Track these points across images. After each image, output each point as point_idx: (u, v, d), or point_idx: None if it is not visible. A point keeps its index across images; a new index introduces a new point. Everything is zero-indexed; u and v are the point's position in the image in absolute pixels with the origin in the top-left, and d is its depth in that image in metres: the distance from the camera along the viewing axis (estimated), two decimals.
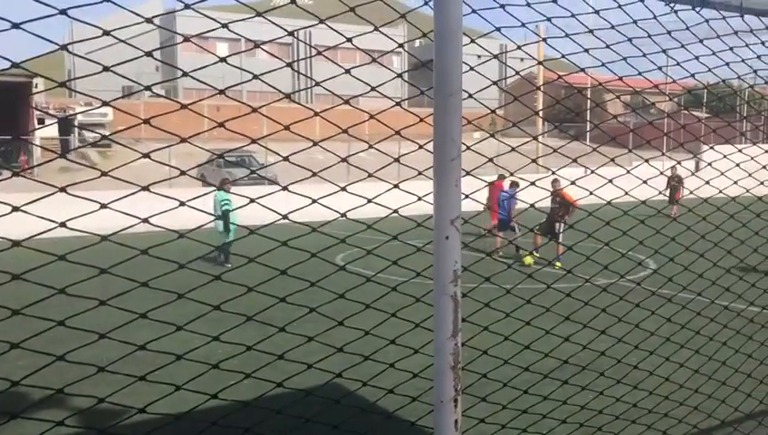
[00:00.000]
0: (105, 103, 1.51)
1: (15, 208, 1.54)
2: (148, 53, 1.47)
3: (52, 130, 37.44)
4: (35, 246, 1.51)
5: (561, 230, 15.32)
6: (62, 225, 1.55)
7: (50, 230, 1.65)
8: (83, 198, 1.72)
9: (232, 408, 2.17)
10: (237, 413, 2.28)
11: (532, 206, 2.74)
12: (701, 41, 2.86)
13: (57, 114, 39.28)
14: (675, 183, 22.39)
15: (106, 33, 1.39)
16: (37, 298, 1.63)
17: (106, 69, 1.43)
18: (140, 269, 2.29)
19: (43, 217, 1.58)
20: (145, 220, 1.62)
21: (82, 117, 39.25)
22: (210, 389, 2.00)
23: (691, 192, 3.69)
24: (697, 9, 2.52)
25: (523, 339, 2.77)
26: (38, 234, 1.58)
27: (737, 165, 3.46)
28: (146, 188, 1.62)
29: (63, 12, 1.38)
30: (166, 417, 2.10)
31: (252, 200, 1.91)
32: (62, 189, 1.52)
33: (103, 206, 1.56)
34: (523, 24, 2.25)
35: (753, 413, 4.39)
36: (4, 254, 1.52)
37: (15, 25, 1.39)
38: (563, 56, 2.53)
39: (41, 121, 36.60)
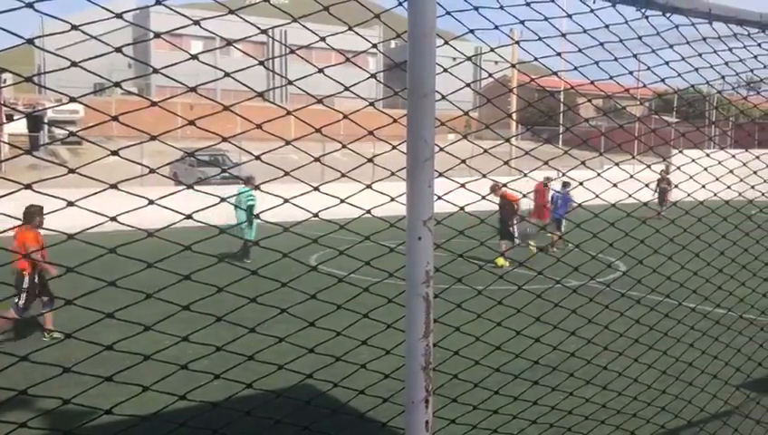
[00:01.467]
0: (73, 99, 1.49)
1: None
2: (118, 49, 1.45)
3: (20, 127, 36.76)
4: None
5: (516, 232, 16.04)
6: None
7: (13, 228, 1.61)
8: (51, 195, 1.69)
9: (201, 409, 2.15)
10: (206, 414, 2.26)
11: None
12: (671, 46, 2.90)
13: (26, 110, 38.65)
14: (664, 185, 22.32)
15: (74, 27, 1.37)
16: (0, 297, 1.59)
17: (74, 64, 1.40)
18: (108, 268, 2.26)
19: (7, 215, 1.55)
20: (113, 219, 1.60)
21: (52, 113, 38.63)
22: (179, 390, 1.98)
23: (669, 193, 3.75)
24: (668, 15, 2.55)
25: (495, 340, 2.78)
26: (2, 231, 1.55)
27: (705, 169, 3.52)
28: (114, 186, 1.59)
29: (29, 5, 1.35)
30: (133, 418, 2.07)
31: (222, 199, 1.89)
32: (28, 186, 1.50)
33: (70, 204, 1.54)
34: (497, 27, 2.27)
35: (718, 413, 4.47)
36: None
37: None
38: (536, 59, 2.55)
39: (9, 118, 35.93)
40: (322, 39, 1.85)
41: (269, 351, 2.37)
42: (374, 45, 1.99)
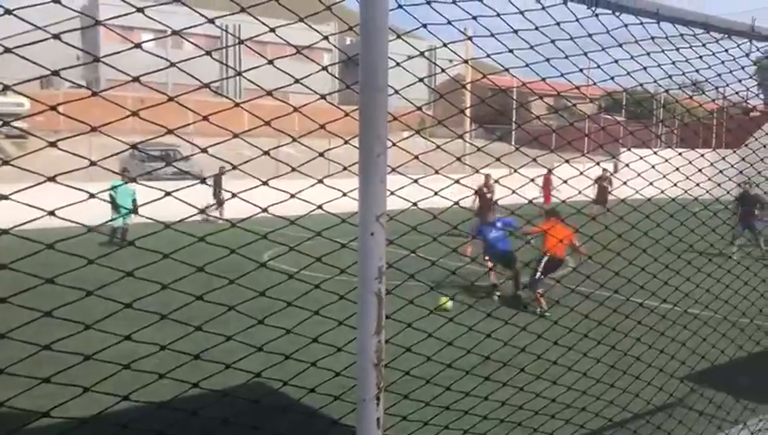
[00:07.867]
0: (6, 87, 1.42)
1: None
2: (56, 36, 1.39)
3: None
4: None
5: None
6: None
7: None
8: None
9: (146, 409, 2.09)
10: (152, 414, 2.20)
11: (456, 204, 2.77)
12: (620, 45, 2.95)
13: None
14: (605, 184, 22.94)
15: (7, 11, 1.30)
16: None
17: (7, 50, 1.33)
18: (49, 266, 2.17)
19: None
20: (50, 213, 1.53)
21: None
22: (125, 390, 1.92)
23: (610, 192, 3.82)
24: (617, 14, 2.59)
25: (447, 335, 2.79)
26: None
27: (653, 167, 3.60)
28: (52, 179, 1.53)
29: None
30: (71, 420, 1.99)
31: (167, 193, 1.84)
32: None
33: (3, 197, 1.47)
34: (449, 22, 2.26)
35: (664, 406, 4.58)
36: None
37: None
38: (488, 56, 2.55)
39: None
40: (272, 30, 1.81)
41: (218, 349, 2.32)
42: (325, 38, 1.96)
